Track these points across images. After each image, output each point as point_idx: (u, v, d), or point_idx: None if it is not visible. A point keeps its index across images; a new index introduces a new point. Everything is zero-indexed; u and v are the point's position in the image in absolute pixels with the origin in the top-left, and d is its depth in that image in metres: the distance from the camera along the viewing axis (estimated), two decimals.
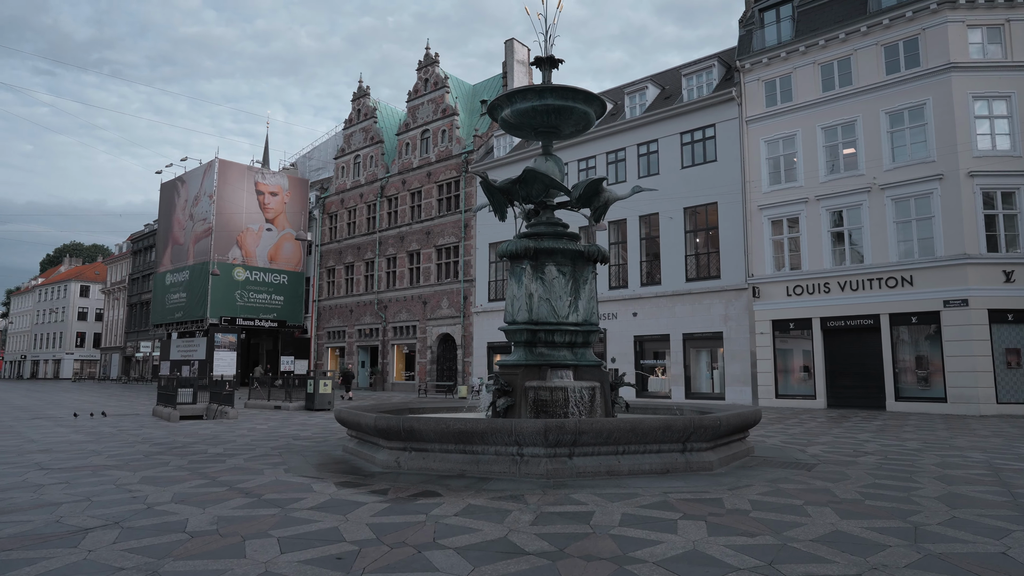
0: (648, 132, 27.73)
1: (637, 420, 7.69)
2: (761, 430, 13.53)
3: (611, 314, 27.98)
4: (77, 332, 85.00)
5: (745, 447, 9.20)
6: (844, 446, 10.73)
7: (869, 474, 7.77)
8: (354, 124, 44.03)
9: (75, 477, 7.65)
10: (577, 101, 10.15)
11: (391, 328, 38.95)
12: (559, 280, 10.04)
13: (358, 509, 5.85)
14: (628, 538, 4.88)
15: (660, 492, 6.55)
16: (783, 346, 23.47)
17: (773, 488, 6.79)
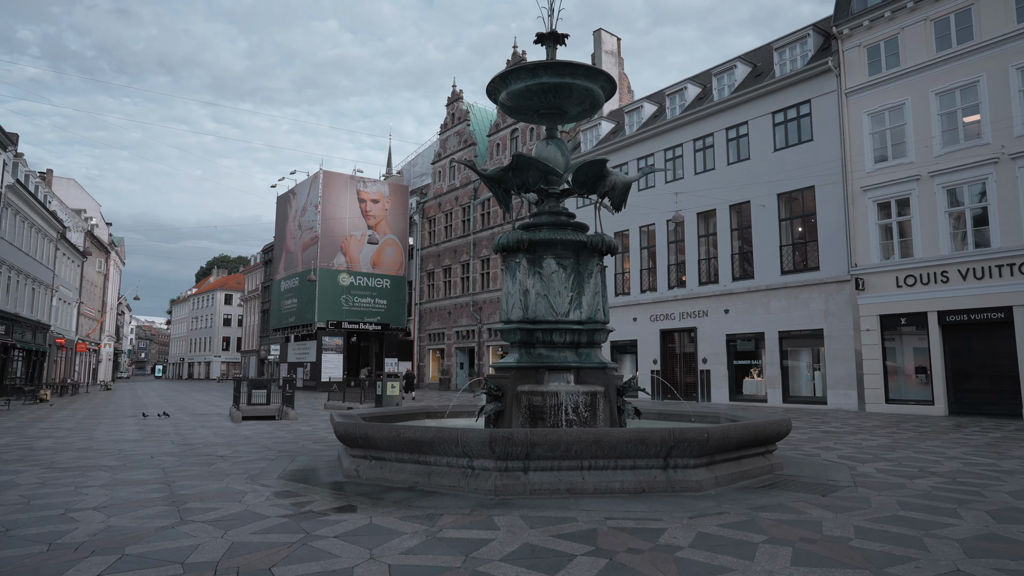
0: (737, 114, 25.63)
1: (604, 432, 6.69)
2: (829, 441, 11.77)
3: (701, 311, 26.14)
4: (223, 337, 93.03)
5: (766, 463, 7.83)
6: (914, 464, 8.95)
7: (902, 503, 6.27)
8: (449, 129, 44.61)
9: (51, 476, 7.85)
10: (576, 77, 9.20)
11: (486, 329, 38.96)
12: (559, 274, 9.14)
13: (253, 523, 5.39)
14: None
15: (602, 517, 5.56)
16: (893, 344, 20.69)
17: (748, 518, 5.57)
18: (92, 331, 57.65)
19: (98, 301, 60.25)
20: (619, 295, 30.04)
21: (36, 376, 40.83)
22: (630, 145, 30.08)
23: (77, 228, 52.25)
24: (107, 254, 62.86)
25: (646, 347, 28.42)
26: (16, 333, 35.72)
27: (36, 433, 13.99)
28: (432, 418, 10.70)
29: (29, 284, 38.01)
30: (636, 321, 28.93)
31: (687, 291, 26.86)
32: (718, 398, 25.23)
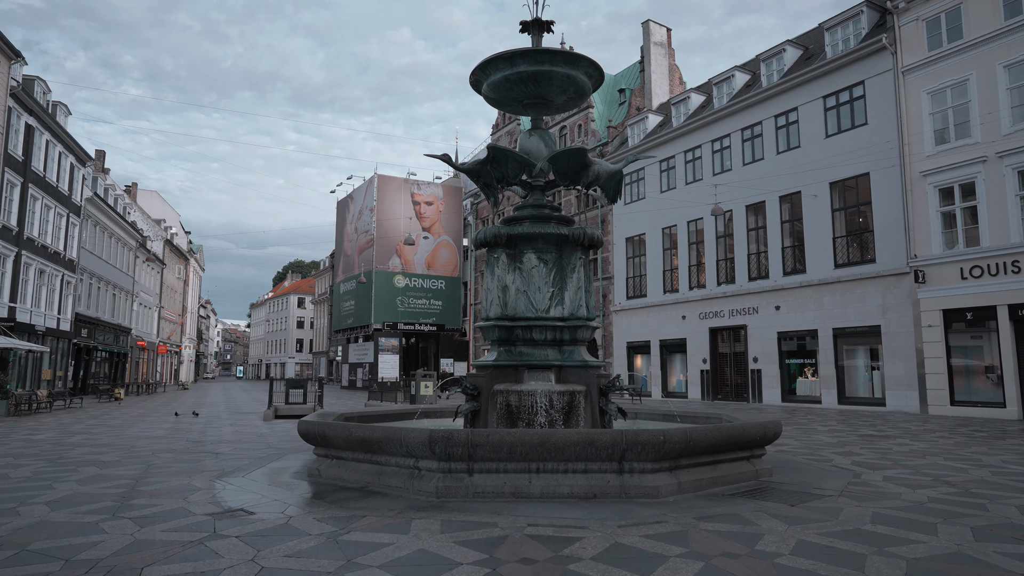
0: (786, 100, 24.35)
1: (550, 433, 6.33)
2: (856, 446, 10.89)
3: (751, 308, 24.99)
4: (296, 339, 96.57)
5: (751, 468, 7.25)
6: (933, 472, 8.11)
7: (879, 515, 5.62)
8: (500, 129, 44.61)
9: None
10: (555, 64, 8.83)
11: None
12: (539, 269, 8.80)
13: (174, 520, 5.37)
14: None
15: (525, 523, 5.24)
16: (959, 342, 19.09)
17: (684, 528, 5.12)
18: (172, 334, 60.95)
19: (178, 305, 63.65)
20: (667, 292, 29.14)
21: (119, 376, 43.50)
22: (676, 138, 29.13)
23: (157, 237, 55.37)
24: (186, 261, 66.33)
25: (695, 346, 27.42)
26: (98, 336, 38.14)
27: (79, 428, 14.76)
28: (431, 418, 10.55)
29: (110, 290, 40.51)
30: (685, 319, 27.97)
31: (736, 287, 25.74)
32: (770, 399, 24.03)
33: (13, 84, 26.07)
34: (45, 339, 30.07)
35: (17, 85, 26.36)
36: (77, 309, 34.26)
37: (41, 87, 30.25)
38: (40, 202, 28.96)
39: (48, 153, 29.79)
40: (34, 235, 28.40)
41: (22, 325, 27.24)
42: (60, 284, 31.78)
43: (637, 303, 30.74)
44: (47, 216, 29.86)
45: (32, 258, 28.28)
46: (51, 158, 30.15)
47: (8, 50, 25.45)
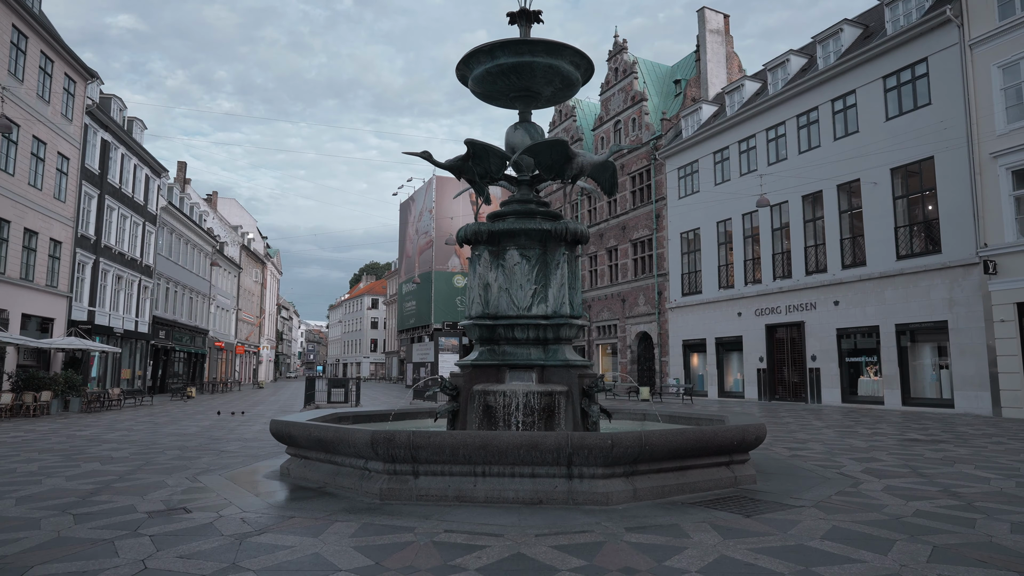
0: (843, 83, 22.92)
1: (492, 436, 6.10)
2: (883, 452, 10.04)
3: (809, 304, 23.69)
4: (370, 339, 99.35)
5: (729, 475, 6.78)
6: (946, 482, 7.35)
7: (841, 530, 5.10)
8: (557, 126, 44.26)
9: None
10: (536, 55, 8.58)
11: (595, 328, 38.13)
12: (521, 266, 8.57)
13: (113, 517, 5.51)
14: None
15: (443, 530, 5.05)
16: None
17: (604, 540, 4.79)
18: (250, 335, 63.89)
19: (255, 308, 66.68)
20: (723, 288, 28.05)
21: (197, 375, 45.98)
22: (730, 128, 27.99)
23: (234, 242, 58.20)
24: (263, 265, 69.40)
25: (751, 344, 26.26)
26: (175, 337, 40.43)
27: (125, 426, 15.61)
28: (414, 419, 10.40)
29: (187, 294, 42.87)
30: (741, 316, 26.84)
31: (793, 282, 24.45)
32: (829, 399, 22.69)
33: (89, 103, 27.94)
34: (123, 340, 32.10)
35: (92, 104, 28.24)
36: (154, 312, 36.41)
37: (117, 104, 32.31)
38: (116, 212, 30.93)
39: (123, 166, 31.78)
40: (111, 243, 30.36)
41: (100, 327, 29.17)
42: (137, 289, 33.85)
43: (692, 300, 29.76)
44: (123, 225, 31.85)
45: (110, 264, 30.24)
46: (126, 170, 32.15)
47: (83, 71, 27.30)
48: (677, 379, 29.75)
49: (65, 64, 26.01)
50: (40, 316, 24.65)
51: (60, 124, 25.63)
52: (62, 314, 26.03)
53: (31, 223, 23.71)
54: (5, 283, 22.14)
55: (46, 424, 16.39)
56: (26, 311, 23.57)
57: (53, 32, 25.09)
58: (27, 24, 23.33)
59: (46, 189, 24.73)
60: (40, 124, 24.19)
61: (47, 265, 24.95)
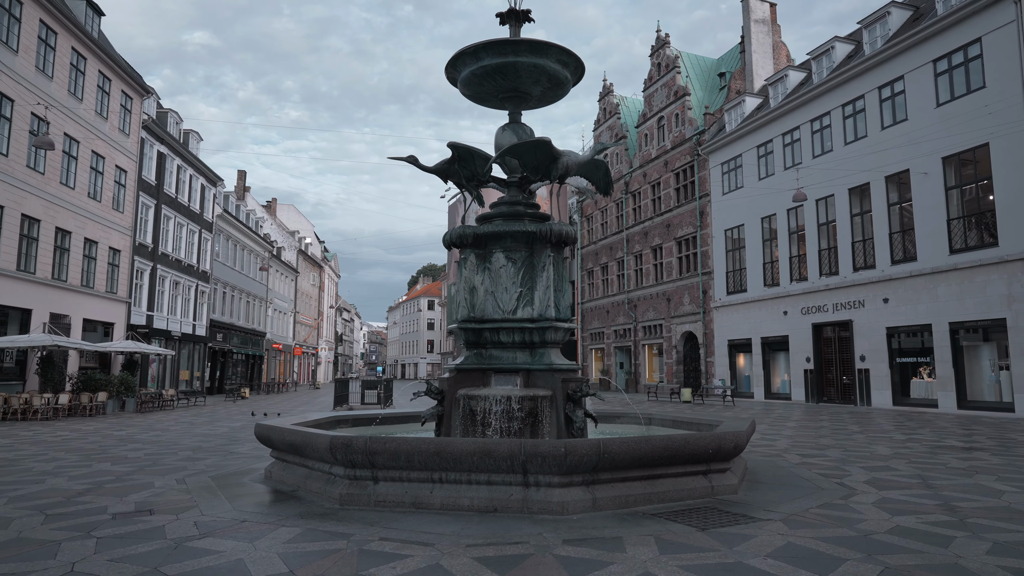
0: (891, 69, 21.77)
1: (445, 443, 6.04)
2: (902, 462, 9.45)
3: (857, 302, 22.61)
4: (427, 340, 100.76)
5: (706, 484, 6.50)
6: (951, 495, 6.85)
7: (793, 546, 4.81)
8: (601, 124, 43.79)
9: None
10: (520, 54, 8.47)
11: (641, 328, 37.52)
12: (507, 269, 8.49)
13: (82, 518, 5.73)
14: None
15: (378, 538, 5.02)
16: None
17: (524, 554, 4.66)
18: (308, 336, 65.80)
19: (313, 310, 68.62)
20: (768, 286, 27.09)
21: (255, 376, 47.66)
22: (773, 120, 27.02)
23: (291, 247, 60.07)
24: (320, 268, 71.36)
25: (798, 344, 25.26)
26: (233, 340, 42.02)
27: (164, 425, 16.30)
28: (403, 424, 10.32)
29: (244, 298, 44.49)
30: (787, 315, 25.86)
31: (840, 279, 23.38)
32: (879, 402, 21.59)
33: (145, 117, 29.37)
34: (181, 343, 33.58)
35: (148, 118, 29.66)
36: (211, 315, 37.94)
37: (174, 117, 33.84)
38: (173, 220, 32.39)
39: (179, 176, 33.25)
40: (168, 250, 31.81)
41: (158, 331, 30.61)
42: (194, 293, 35.35)
43: (737, 299, 28.88)
44: (180, 233, 33.33)
45: (167, 271, 31.69)
46: (182, 181, 33.62)
47: (139, 88, 28.71)
48: (723, 380, 28.93)
49: (122, 82, 27.40)
50: (101, 321, 26.04)
51: (117, 139, 27.02)
52: (121, 318, 27.43)
53: (91, 233, 25.08)
54: (67, 290, 23.50)
55: (95, 423, 17.29)
56: (87, 316, 24.94)
57: (110, 53, 26.48)
58: (85, 47, 24.69)
59: (105, 201, 26.11)
60: (98, 139, 25.56)
61: (107, 272, 26.34)
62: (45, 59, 22.42)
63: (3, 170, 20.21)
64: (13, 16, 20.80)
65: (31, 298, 21.53)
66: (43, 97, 22.06)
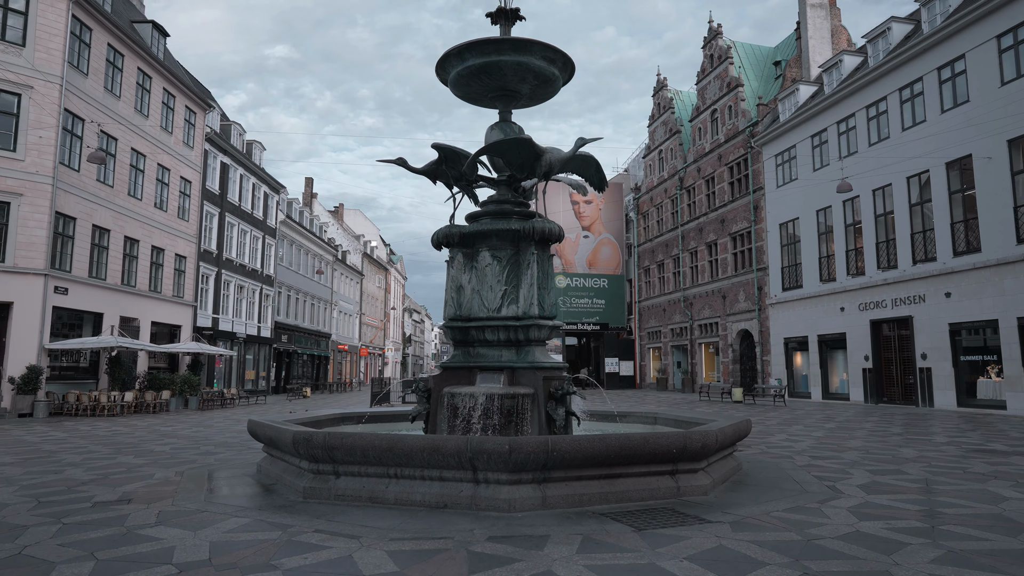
0: (951, 47, 20.43)
1: (397, 439, 6.13)
2: (917, 466, 8.88)
3: (917, 297, 21.34)
4: None
5: (669, 485, 6.35)
6: (939, 501, 6.42)
7: (722, 550, 4.65)
8: (656, 119, 43.03)
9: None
10: (503, 53, 8.50)
11: (697, 326, 36.64)
12: (492, 267, 8.54)
13: (64, 506, 6.17)
14: None
15: (312, 529, 5.17)
16: None
17: (432, 549, 4.69)
18: (374, 337, 67.59)
19: (380, 312, 70.44)
20: (824, 282, 25.92)
21: (321, 376, 49.38)
22: (827, 108, 25.83)
23: (356, 251, 61.88)
24: (386, 271, 73.18)
25: (856, 341, 24.04)
26: (298, 341, 43.70)
27: (211, 422, 17.17)
28: (392, 422, 10.45)
29: (308, 300, 46.19)
30: (844, 311, 24.66)
31: (898, 273, 22.10)
32: (943, 402, 20.27)
33: (208, 130, 30.98)
34: (246, 344, 35.21)
35: (211, 131, 31.28)
36: (276, 318, 39.60)
37: (237, 129, 35.55)
38: (236, 227, 34.02)
39: (242, 185, 34.90)
40: (232, 256, 33.43)
41: (224, 333, 32.21)
42: (259, 297, 37.00)
43: (793, 295, 27.76)
44: (244, 239, 34.96)
45: (231, 275, 33.31)
46: (245, 189, 35.27)
47: (202, 102, 30.33)
48: (779, 380, 27.88)
49: (185, 98, 29.02)
50: (168, 323, 27.66)
51: (182, 151, 28.63)
52: (188, 321, 29.04)
53: (158, 241, 26.69)
54: (135, 295, 25.09)
55: (152, 420, 18.40)
56: (155, 319, 26.55)
57: (174, 71, 28.10)
58: (150, 66, 26.29)
59: (170, 210, 27.72)
60: (164, 153, 27.16)
61: (173, 278, 27.95)
62: (113, 80, 24.02)
63: (75, 185, 21.80)
64: (83, 42, 22.40)
65: (102, 303, 23.11)
66: (111, 115, 23.66)
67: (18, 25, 20.44)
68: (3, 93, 20.02)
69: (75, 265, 21.77)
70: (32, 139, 20.26)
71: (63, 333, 21.69)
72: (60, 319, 21.56)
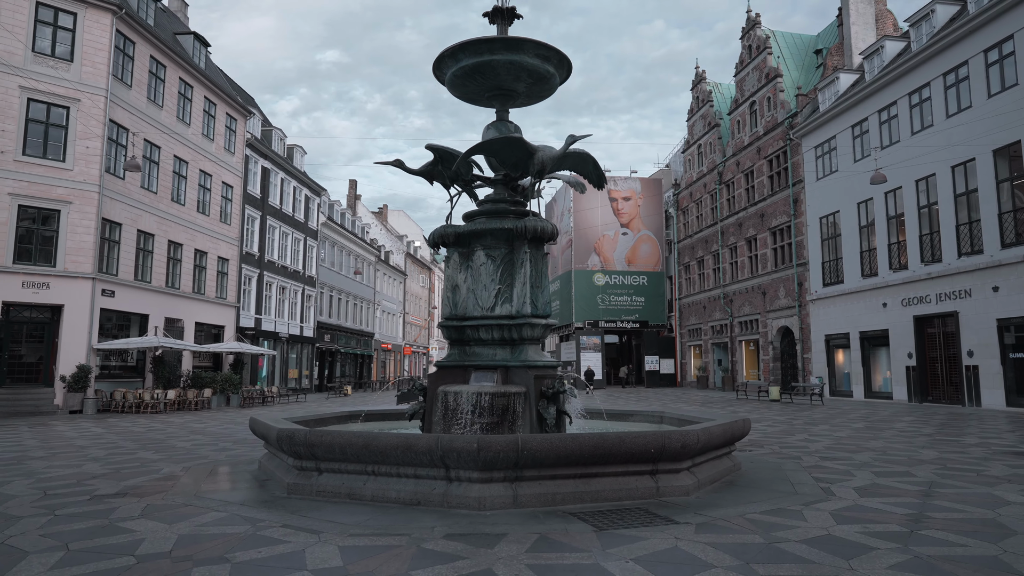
0: (998, 28, 19.45)
1: (373, 436, 6.23)
2: (930, 469, 8.51)
3: (963, 291, 20.41)
4: None
5: (648, 485, 6.27)
6: (931, 505, 6.16)
7: (684, 550, 4.58)
8: (695, 113, 42.28)
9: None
10: (495, 52, 8.52)
11: (737, 323, 35.88)
12: (486, 267, 8.58)
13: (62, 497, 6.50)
14: None
15: (281, 523, 5.31)
16: None
17: (382, 546, 4.76)
18: (418, 336, 68.45)
19: (424, 311, 71.29)
20: (866, 277, 25.03)
21: (366, 375, 50.31)
22: (868, 96, 24.91)
23: (399, 251, 62.79)
24: (430, 271, 74.00)
25: (899, 338, 23.14)
26: (340, 340, 44.63)
27: (242, 419, 17.73)
28: (388, 420, 10.51)
29: (351, 300, 47.12)
30: (886, 307, 23.76)
31: (943, 266, 21.17)
32: (991, 402, 19.33)
33: (248, 136, 31.94)
34: (289, 344, 36.17)
35: (251, 136, 32.23)
36: (319, 318, 40.53)
37: (278, 135, 36.54)
38: (278, 230, 34.97)
39: (283, 189, 35.84)
40: (274, 258, 34.39)
41: (266, 333, 33.17)
42: (301, 297, 37.95)
43: (834, 290, 26.89)
44: (285, 242, 35.91)
45: (273, 277, 34.26)
46: (286, 193, 36.22)
47: (242, 109, 31.28)
48: (819, 378, 27.06)
49: (226, 105, 29.98)
50: (211, 324, 28.65)
51: (223, 157, 29.59)
52: (231, 322, 30.01)
53: (200, 244, 27.67)
54: (179, 296, 26.09)
55: (190, 416, 19.10)
56: (199, 320, 27.54)
57: (215, 80, 29.07)
58: (192, 76, 27.27)
59: (213, 214, 28.70)
60: (205, 159, 28.14)
61: (216, 280, 28.93)
62: (155, 90, 25.01)
63: (121, 192, 22.80)
64: (127, 56, 23.39)
65: (147, 304, 24.11)
66: (154, 124, 24.65)
67: (66, 42, 21.49)
68: (53, 107, 21.09)
69: (121, 269, 22.77)
70: (80, 149, 21.28)
71: (112, 334, 22.73)
72: (109, 320, 22.60)
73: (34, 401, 19.90)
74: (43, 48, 21.02)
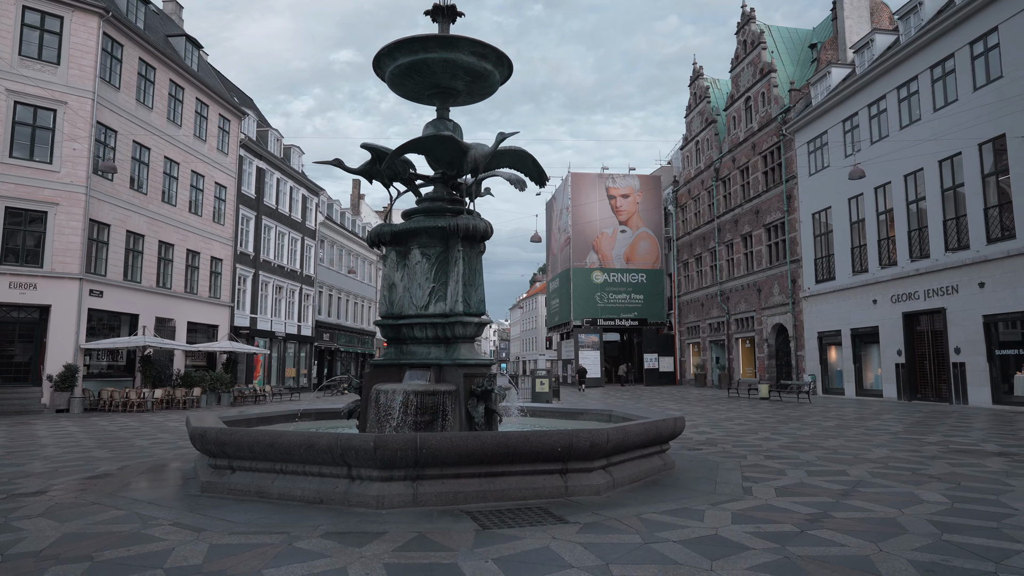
0: (984, 19, 19.14)
1: (278, 435, 6.23)
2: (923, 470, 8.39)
3: (949, 287, 20.13)
4: (545, 337, 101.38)
5: (557, 484, 6.23)
6: (854, 505, 6.06)
7: (547, 550, 4.54)
8: (692, 110, 42.01)
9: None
10: (430, 51, 8.50)
11: (733, 320, 35.63)
12: (421, 265, 8.57)
13: None
14: None
15: (170, 522, 5.33)
16: None
17: (248, 544, 4.76)
18: None
19: None
20: (856, 273, 24.75)
21: None
22: (858, 91, 24.61)
23: None
24: None
25: (888, 335, 22.85)
26: (340, 340, 44.83)
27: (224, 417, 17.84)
28: (325, 419, 10.48)
29: (350, 299, 47.30)
30: (876, 304, 23.48)
31: (931, 263, 20.88)
32: (977, 400, 19.04)
33: (242, 137, 32.14)
34: (286, 343, 36.38)
35: (245, 137, 32.43)
36: (317, 317, 40.74)
37: (274, 135, 36.73)
38: (274, 230, 35.16)
39: (279, 189, 36.03)
40: (270, 258, 34.59)
41: (262, 332, 33.38)
42: (299, 296, 38.15)
43: (826, 287, 26.62)
44: (282, 241, 36.11)
45: (269, 276, 34.47)
46: (282, 193, 36.41)
47: (235, 110, 31.48)
48: (812, 375, 26.82)
49: (218, 107, 30.18)
50: (204, 323, 28.87)
51: (216, 158, 29.79)
52: (225, 321, 30.23)
53: (192, 244, 27.89)
54: (171, 296, 26.31)
55: (169, 415, 19.24)
56: (191, 319, 27.76)
57: (207, 81, 29.26)
58: (183, 78, 27.48)
59: (205, 215, 28.91)
60: (197, 160, 28.35)
61: (209, 280, 29.15)
62: (145, 92, 25.23)
63: (108, 193, 23.03)
64: (115, 58, 23.61)
65: (137, 304, 24.34)
66: (143, 126, 24.86)
67: (53, 45, 21.72)
68: (40, 109, 21.33)
69: (110, 269, 23.00)
70: (67, 151, 21.51)
71: (102, 333, 22.97)
72: (100, 320, 22.85)
73: (22, 400, 20.17)
74: (30, 52, 21.26)
